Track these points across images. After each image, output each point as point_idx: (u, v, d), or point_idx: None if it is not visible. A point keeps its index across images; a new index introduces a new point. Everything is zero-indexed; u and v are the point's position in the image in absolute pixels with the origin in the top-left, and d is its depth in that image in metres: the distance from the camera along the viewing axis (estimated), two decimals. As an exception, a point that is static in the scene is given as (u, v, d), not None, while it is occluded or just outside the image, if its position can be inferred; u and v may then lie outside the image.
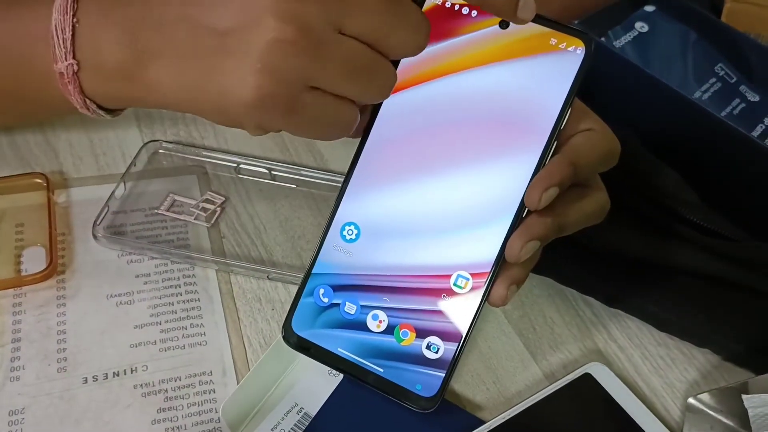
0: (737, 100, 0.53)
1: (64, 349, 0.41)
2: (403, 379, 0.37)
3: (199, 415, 0.38)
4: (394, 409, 0.37)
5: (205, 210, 0.49)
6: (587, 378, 0.40)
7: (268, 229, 0.48)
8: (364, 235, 0.38)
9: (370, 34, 0.32)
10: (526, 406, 0.39)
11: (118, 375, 0.40)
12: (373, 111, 0.38)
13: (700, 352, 0.44)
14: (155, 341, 0.41)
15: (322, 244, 0.39)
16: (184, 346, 0.41)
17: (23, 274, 0.43)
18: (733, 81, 0.54)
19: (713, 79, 0.54)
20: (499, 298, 0.36)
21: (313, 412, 0.38)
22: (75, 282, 0.44)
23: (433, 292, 0.37)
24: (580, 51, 0.36)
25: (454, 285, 0.37)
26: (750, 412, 0.36)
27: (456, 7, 0.37)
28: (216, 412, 0.38)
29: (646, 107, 0.51)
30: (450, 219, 0.37)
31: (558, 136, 0.36)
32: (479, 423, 0.38)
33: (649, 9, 0.57)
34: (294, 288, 0.40)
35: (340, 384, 0.39)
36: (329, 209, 0.39)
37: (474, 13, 0.37)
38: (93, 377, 0.40)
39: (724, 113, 0.52)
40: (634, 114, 0.50)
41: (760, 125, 0.52)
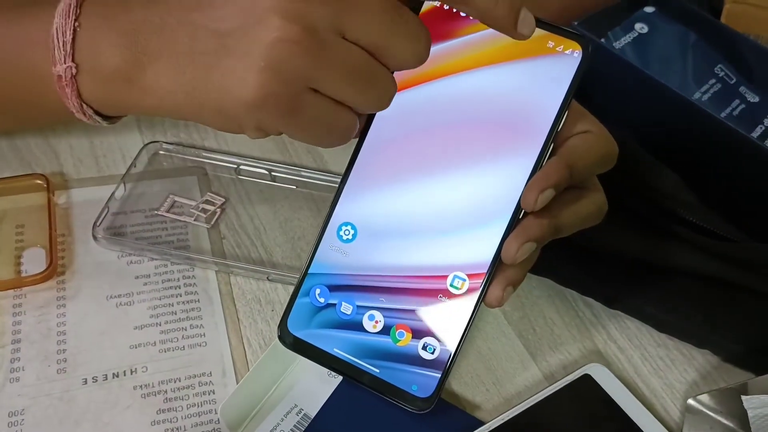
0: (737, 101, 0.53)
1: (64, 350, 0.41)
2: (399, 379, 0.37)
3: (199, 416, 0.38)
4: (394, 411, 0.37)
5: (205, 211, 0.49)
6: (587, 379, 0.40)
7: (268, 230, 0.48)
8: (360, 236, 0.38)
9: (371, 41, 0.32)
10: (526, 407, 0.39)
11: (117, 376, 0.40)
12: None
13: (700, 353, 0.44)
14: (155, 342, 0.41)
15: (319, 244, 0.39)
16: (184, 347, 0.41)
17: (23, 275, 0.44)
18: (733, 82, 0.54)
19: (713, 80, 0.54)
20: (496, 299, 0.36)
21: (313, 413, 0.38)
22: (75, 283, 0.44)
23: (429, 292, 0.37)
24: (577, 54, 0.36)
25: (451, 286, 0.37)
26: (749, 413, 0.36)
27: (454, 9, 0.37)
28: (215, 413, 0.38)
29: (645, 108, 0.51)
30: (447, 220, 0.37)
31: (555, 139, 0.36)
32: (479, 424, 0.38)
33: (648, 10, 0.57)
34: (293, 289, 0.40)
35: (339, 385, 0.39)
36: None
37: None
38: (93, 378, 0.40)
39: (723, 114, 0.52)
40: (633, 115, 0.50)
41: (760, 126, 0.52)
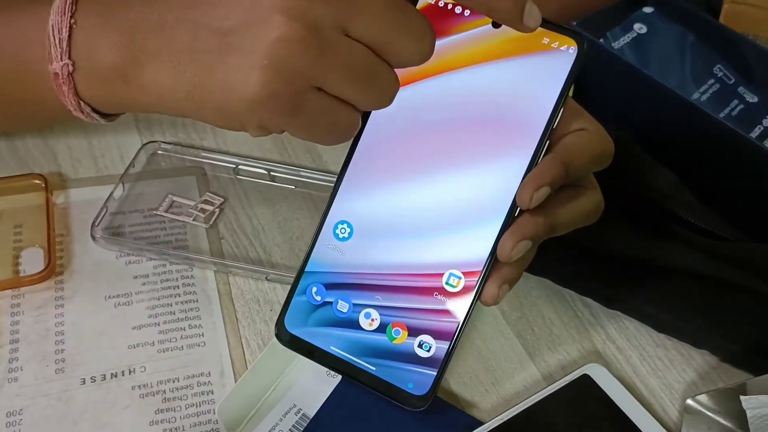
0: (735, 101, 0.53)
1: (62, 350, 0.41)
2: (394, 377, 0.37)
3: (197, 416, 0.38)
4: (393, 411, 0.37)
5: (203, 211, 0.49)
6: (585, 379, 0.40)
7: (267, 230, 0.48)
8: (356, 234, 0.38)
9: (375, 39, 0.32)
10: (524, 407, 0.39)
11: (116, 376, 0.40)
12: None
13: (699, 353, 0.44)
14: (153, 342, 0.41)
15: (315, 243, 0.39)
16: (183, 347, 0.41)
17: (21, 275, 0.43)
18: (732, 82, 0.54)
19: (712, 80, 0.54)
20: (491, 297, 0.36)
21: (312, 413, 0.38)
22: (73, 283, 0.44)
23: (425, 290, 0.37)
24: (573, 50, 0.36)
25: (447, 284, 0.37)
26: (748, 414, 0.36)
27: (449, 6, 0.37)
28: (214, 413, 0.38)
29: (644, 108, 0.51)
30: (442, 218, 0.37)
31: (550, 136, 0.36)
32: (477, 424, 0.38)
33: (647, 10, 0.57)
34: (292, 289, 0.40)
35: (338, 385, 0.39)
36: (326, 210, 0.39)
37: (467, 12, 0.37)
38: (91, 378, 0.40)
39: (722, 114, 0.52)
40: (632, 115, 0.50)
41: (759, 126, 0.52)
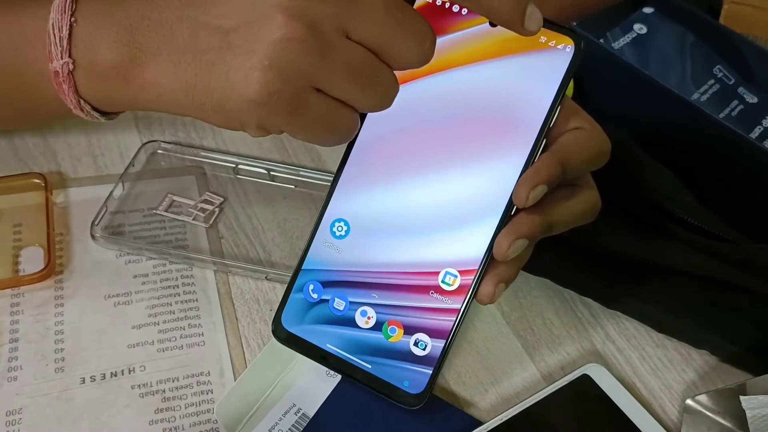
0: (735, 102, 0.53)
1: (62, 349, 0.41)
2: (390, 375, 0.37)
3: (197, 415, 0.38)
4: (392, 410, 0.37)
5: (203, 210, 0.49)
6: (585, 379, 0.40)
7: (267, 229, 0.48)
8: (353, 232, 0.38)
9: (375, 41, 0.32)
10: (524, 407, 0.39)
11: (115, 375, 0.40)
12: None
13: (698, 353, 0.44)
14: (153, 341, 0.41)
15: (312, 241, 0.39)
16: (182, 346, 0.41)
17: (21, 274, 0.43)
18: (732, 83, 0.54)
19: (711, 81, 0.54)
20: (487, 295, 0.36)
21: (311, 413, 0.38)
22: (73, 282, 0.44)
23: (421, 288, 0.37)
24: (570, 49, 0.36)
25: (443, 282, 0.37)
26: (748, 414, 0.36)
27: (446, 4, 0.37)
28: (214, 412, 0.38)
29: (644, 109, 0.51)
30: (439, 216, 0.37)
31: (547, 134, 0.36)
32: (477, 424, 0.38)
33: (647, 11, 0.57)
34: (292, 288, 0.40)
35: (338, 385, 0.39)
36: (325, 209, 0.39)
37: (464, 11, 0.37)
38: (91, 377, 0.40)
39: (722, 115, 0.52)
40: (632, 115, 0.50)
41: (759, 127, 0.52)
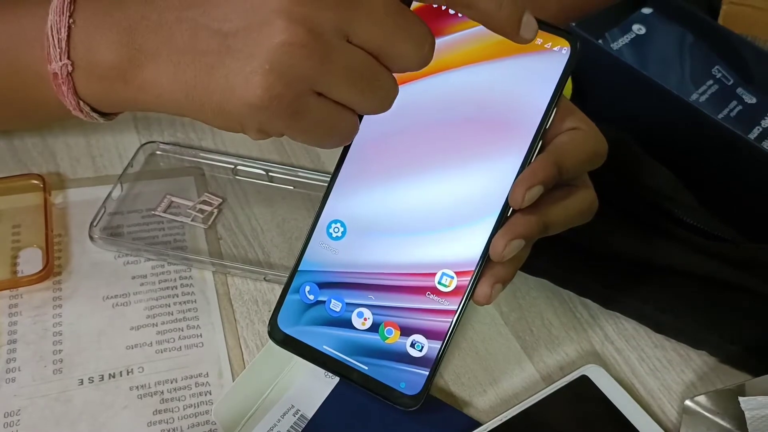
0: (734, 102, 0.53)
1: (60, 350, 0.41)
2: (387, 377, 0.37)
3: (195, 417, 0.38)
4: (391, 411, 0.37)
5: (202, 211, 0.49)
6: (584, 380, 0.40)
7: (266, 230, 0.48)
8: (350, 233, 0.38)
9: (375, 44, 0.32)
10: (523, 408, 0.39)
11: (114, 377, 0.40)
12: None
13: (697, 353, 0.44)
14: (151, 343, 0.41)
15: (309, 242, 0.39)
16: (181, 347, 0.41)
17: (19, 275, 0.43)
18: (730, 83, 0.54)
19: (710, 81, 0.54)
20: (484, 296, 0.36)
21: (310, 414, 0.38)
22: (71, 283, 0.44)
23: (417, 290, 0.37)
24: (566, 51, 0.36)
25: (439, 283, 0.37)
26: (747, 415, 0.36)
27: (443, 6, 0.37)
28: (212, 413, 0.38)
29: (643, 109, 0.51)
30: (435, 217, 0.37)
31: (543, 136, 0.36)
32: (476, 425, 0.38)
33: (646, 11, 0.57)
34: (290, 289, 0.40)
35: (336, 386, 0.39)
36: (323, 209, 0.39)
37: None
38: (89, 379, 0.39)
39: (721, 115, 0.52)
40: (631, 116, 0.50)
41: (757, 127, 0.52)
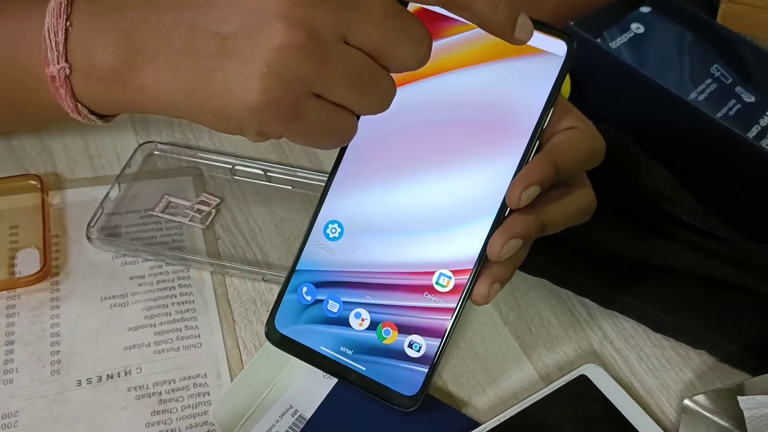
0: (733, 101, 0.53)
1: (58, 351, 0.40)
2: (385, 377, 0.37)
3: (194, 417, 0.38)
4: (389, 412, 0.37)
5: (200, 211, 0.49)
6: (583, 379, 0.40)
7: (264, 230, 0.48)
8: (347, 233, 0.38)
9: (374, 45, 0.32)
10: (522, 408, 0.39)
11: (112, 377, 0.40)
12: None
13: (696, 353, 0.44)
14: (149, 343, 0.41)
15: (306, 242, 0.39)
16: (179, 348, 0.41)
17: (17, 276, 0.43)
18: (729, 82, 0.54)
19: (709, 80, 0.54)
20: (481, 296, 0.36)
21: (308, 415, 0.38)
22: (69, 284, 0.44)
23: (415, 289, 0.37)
24: (562, 51, 0.36)
25: (437, 283, 0.37)
26: (746, 414, 0.36)
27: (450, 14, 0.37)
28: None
29: (641, 108, 0.51)
30: (433, 217, 0.37)
31: (540, 135, 0.36)
32: (475, 424, 0.38)
33: (644, 10, 0.57)
34: (289, 290, 0.40)
35: (335, 386, 0.39)
36: (321, 210, 0.39)
37: None
38: (87, 380, 0.39)
39: (719, 114, 0.52)
40: (629, 115, 0.50)
41: (756, 126, 0.52)
